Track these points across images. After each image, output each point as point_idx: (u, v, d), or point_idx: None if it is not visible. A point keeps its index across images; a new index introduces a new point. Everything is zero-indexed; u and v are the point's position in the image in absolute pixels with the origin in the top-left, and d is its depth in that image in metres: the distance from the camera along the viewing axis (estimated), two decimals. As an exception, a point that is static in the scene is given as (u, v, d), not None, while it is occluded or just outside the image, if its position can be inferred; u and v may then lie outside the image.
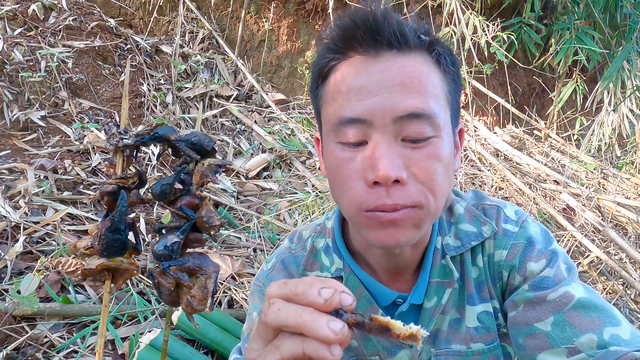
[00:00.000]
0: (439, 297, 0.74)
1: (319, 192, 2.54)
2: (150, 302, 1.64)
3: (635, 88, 3.48)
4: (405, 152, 0.61)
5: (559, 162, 3.46)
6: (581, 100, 3.64)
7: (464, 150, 3.27)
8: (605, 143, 3.62)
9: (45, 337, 1.43)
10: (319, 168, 2.94)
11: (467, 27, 3.07)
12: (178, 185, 0.69)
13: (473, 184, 2.97)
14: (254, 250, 2.10)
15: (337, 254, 0.79)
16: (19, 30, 2.91)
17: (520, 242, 0.72)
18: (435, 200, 0.63)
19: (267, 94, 3.53)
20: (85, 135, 2.56)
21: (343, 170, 0.64)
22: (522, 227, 0.74)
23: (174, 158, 0.67)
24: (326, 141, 0.69)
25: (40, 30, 3.00)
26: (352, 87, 0.63)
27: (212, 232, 0.70)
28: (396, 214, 0.61)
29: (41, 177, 2.10)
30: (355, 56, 0.64)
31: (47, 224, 1.83)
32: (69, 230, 1.87)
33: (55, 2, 3.20)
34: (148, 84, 3.12)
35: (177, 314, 1.53)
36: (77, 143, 2.48)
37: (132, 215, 2.07)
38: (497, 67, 3.45)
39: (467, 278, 0.75)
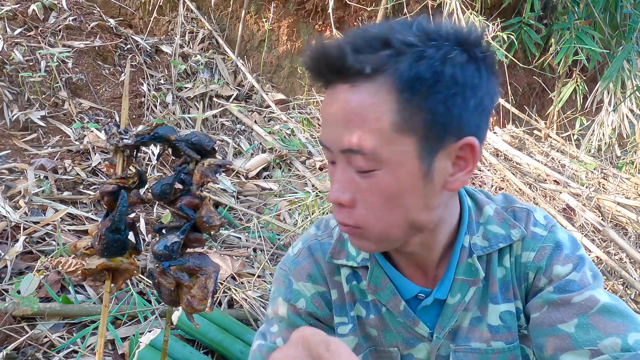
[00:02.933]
0: (463, 294, 0.75)
1: (319, 192, 2.54)
2: (150, 302, 1.64)
3: (635, 88, 3.48)
4: (356, 179, 0.65)
5: (559, 162, 3.46)
6: (581, 100, 3.64)
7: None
8: (605, 143, 3.62)
9: (45, 337, 1.43)
10: (319, 168, 2.94)
11: (467, 27, 3.07)
12: (178, 185, 0.69)
13: (473, 184, 2.97)
14: (254, 250, 2.10)
15: None
16: (19, 30, 2.91)
17: (549, 245, 0.73)
18: (375, 228, 0.66)
19: (267, 94, 3.53)
20: (85, 135, 2.56)
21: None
22: (551, 231, 0.75)
23: (174, 158, 0.67)
24: None
25: (40, 30, 2.99)
26: (321, 115, 0.69)
27: (212, 232, 0.70)
28: (344, 227, 0.69)
29: (41, 177, 2.10)
30: (329, 86, 0.66)
31: (47, 224, 1.83)
32: (69, 230, 1.87)
33: (55, 2, 3.20)
34: (148, 84, 3.12)
35: (177, 314, 1.53)
36: (77, 143, 2.48)
37: (132, 215, 2.07)
38: (497, 67, 3.45)
39: (492, 277, 0.76)
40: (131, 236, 0.69)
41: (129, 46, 3.30)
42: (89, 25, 3.21)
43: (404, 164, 0.62)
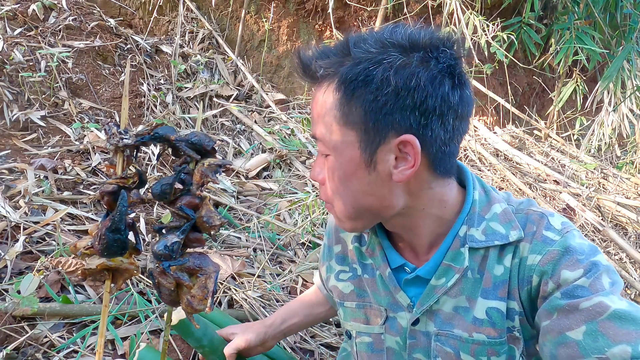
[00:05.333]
0: (447, 279, 0.79)
1: (319, 191, 2.54)
2: (150, 302, 1.64)
3: (635, 88, 3.48)
4: (324, 161, 0.78)
5: (559, 162, 3.46)
6: (581, 100, 3.64)
7: (464, 150, 3.27)
8: (605, 143, 3.62)
9: (45, 337, 1.43)
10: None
11: (467, 27, 3.07)
12: (178, 185, 0.69)
13: (473, 184, 2.97)
14: (254, 250, 2.10)
15: None
16: (19, 30, 2.91)
17: (557, 249, 0.72)
18: (336, 205, 0.79)
19: (267, 94, 3.53)
20: (85, 135, 2.56)
21: None
22: (563, 236, 0.73)
23: (174, 158, 0.67)
24: None
25: (40, 30, 2.99)
26: None
27: (212, 232, 0.70)
28: (326, 205, 0.82)
29: (41, 177, 2.10)
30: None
31: (47, 224, 1.83)
32: (69, 230, 1.87)
33: (55, 2, 3.20)
34: (148, 84, 3.12)
35: (177, 314, 1.52)
36: (77, 143, 2.48)
37: (132, 215, 2.07)
38: (497, 67, 3.45)
39: (487, 273, 0.77)
40: (131, 236, 0.69)
41: (129, 46, 3.30)
42: (89, 25, 3.21)
43: (347, 152, 0.72)
